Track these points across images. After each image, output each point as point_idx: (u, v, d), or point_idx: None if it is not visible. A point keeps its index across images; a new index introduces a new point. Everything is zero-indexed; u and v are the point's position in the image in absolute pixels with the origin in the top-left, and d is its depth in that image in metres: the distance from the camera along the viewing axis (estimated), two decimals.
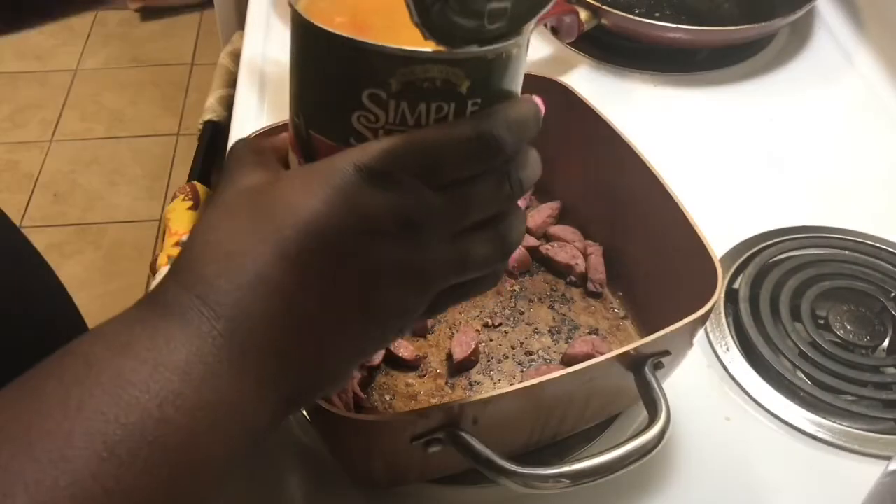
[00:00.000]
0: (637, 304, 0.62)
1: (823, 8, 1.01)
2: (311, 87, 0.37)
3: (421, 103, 0.34)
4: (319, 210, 0.31)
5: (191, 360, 0.29)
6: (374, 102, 0.34)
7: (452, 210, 0.33)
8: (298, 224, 0.31)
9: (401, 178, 0.32)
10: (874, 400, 0.60)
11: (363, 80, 0.34)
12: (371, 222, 0.32)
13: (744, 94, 0.90)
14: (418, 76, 0.33)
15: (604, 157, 0.63)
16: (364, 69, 0.34)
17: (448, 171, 0.33)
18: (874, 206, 0.77)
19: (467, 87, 0.34)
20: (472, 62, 0.34)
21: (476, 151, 0.33)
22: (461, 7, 0.33)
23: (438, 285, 0.35)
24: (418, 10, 0.32)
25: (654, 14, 0.97)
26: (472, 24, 0.33)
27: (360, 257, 0.32)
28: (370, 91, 0.34)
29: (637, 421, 0.58)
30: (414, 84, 0.33)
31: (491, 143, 0.34)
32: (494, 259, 0.36)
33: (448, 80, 0.34)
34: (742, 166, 0.81)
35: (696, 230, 0.54)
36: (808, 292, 0.66)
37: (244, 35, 0.96)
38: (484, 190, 0.34)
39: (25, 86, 2.34)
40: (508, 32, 0.34)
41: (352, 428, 0.47)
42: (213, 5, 1.51)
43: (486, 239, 0.35)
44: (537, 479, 0.44)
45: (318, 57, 0.35)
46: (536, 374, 0.55)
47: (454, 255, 0.34)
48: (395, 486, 0.54)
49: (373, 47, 0.33)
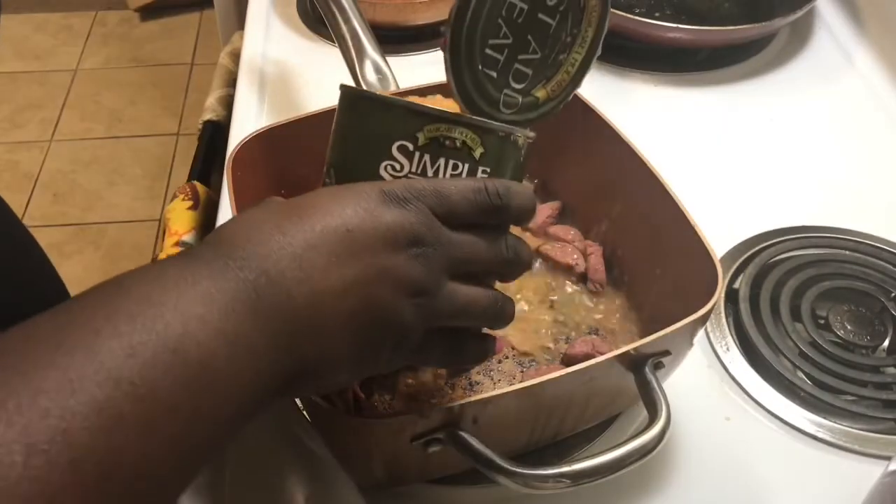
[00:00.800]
0: (637, 305, 0.62)
1: (823, 8, 1.01)
2: (347, 142, 0.43)
3: (441, 158, 0.41)
4: (345, 213, 0.36)
5: (214, 294, 0.32)
6: (401, 153, 0.41)
7: (454, 243, 0.38)
8: (326, 220, 0.36)
9: (417, 204, 0.37)
10: (874, 400, 0.60)
11: (396, 132, 0.41)
12: (386, 232, 0.36)
13: (744, 94, 0.90)
14: (442, 133, 0.41)
15: (604, 157, 0.63)
16: (400, 123, 0.41)
17: (456, 211, 0.38)
18: (874, 206, 0.77)
19: (480, 154, 0.41)
20: (487, 132, 0.42)
21: (481, 198, 0.39)
22: (483, 86, 0.42)
23: (432, 310, 0.38)
24: (455, 76, 0.41)
25: (654, 14, 0.97)
26: (492, 98, 0.43)
27: (373, 256, 0.36)
28: (400, 143, 0.41)
29: (637, 421, 0.58)
30: (438, 140, 0.41)
31: (492, 196, 0.39)
32: (486, 312, 0.40)
33: (466, 142, 0.41)
34: (742, 166, 0.81)
35: (696, 230, 0.54)
36: (809, 292, 0.66)
37: (244, 35, 0.96)
38: (484, 240, 0.39)
39: (25, 86, 2.34)
40: (519, 122, 0.44)
41: (352, 428, 0.47)
42: (213, 5, 1.51)
43: (482, 293, 0.40)
44: (537, 479, 0.44)
45: (362, 114, 0.42)
46: (536, 374, 0.55)
47: (451, 288, 0.39)
48: (395, 486, 0.54)
49: (413, 105, 0.41)
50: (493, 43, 0.42)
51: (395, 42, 0.91)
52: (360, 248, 0.36)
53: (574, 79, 0.47)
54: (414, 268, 0.37)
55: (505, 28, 0.42)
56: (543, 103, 0.46)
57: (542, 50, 0.45)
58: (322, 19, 0.64)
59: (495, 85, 0.43)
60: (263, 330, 0.33)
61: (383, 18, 0.92)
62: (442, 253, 0.38)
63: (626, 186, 0.61)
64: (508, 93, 0.44)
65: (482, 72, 0.42)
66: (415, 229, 0.37)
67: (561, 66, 0.46)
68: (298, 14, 1.00)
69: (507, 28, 0.42)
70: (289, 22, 0.99)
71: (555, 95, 0.46)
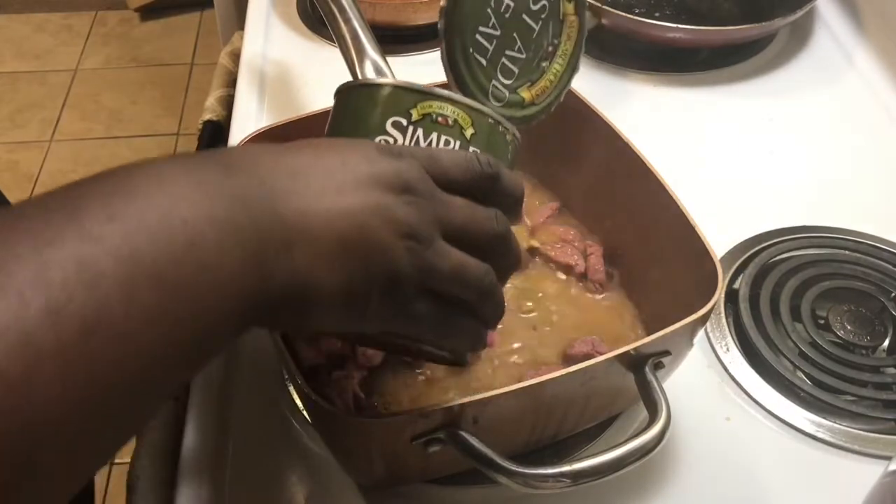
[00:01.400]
0: (637, 305, 0.62)
1: (823, 8, 1.01)
2: (343, 124, 0.44)
3: (433, 133, 0.42)
4: (343, 152, 0.37)
5: (207, 185, 0.32)
6: (395, 128, 0.42)
7: (446, 203, 0.38)
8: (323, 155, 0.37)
9: (410, 160, 0.38)
10: (874, 400, 0.60)
11: (390, 110, 0.42)
12: (381, 174, 0.37)
13: (744, 94, 0.90)
14: (435, 110, 0.42)
15: (603, 157, 0.63)
16: (394, 100, 0.42)
17: (448, 174, 0.39)
18: (874, 206, 0.77)
19: (471, 135, 0.43)
20: (477, 114, 0.43)
21: (472, 165, 0.40)
22: (473, 71, 0.46)
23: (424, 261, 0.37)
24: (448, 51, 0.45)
25: (654, 14, 0.97)
26: (482, 85, 0.46)
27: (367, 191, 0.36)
28: (394, 119, 0.42)
29: (637, 421, 0.58)
30: (431, 116, 0.42)
31: (483, 164, 0.40)
32: (481, 282, 0.39)
33: (458, 121, 0.43)
34: (742, 166, 0.81)
35: (696, 230, 0.54)
36: (808, 292, 0.66)
37: (244, 35, 0.96)
38: (475, 208, 0.39)
39: (25, 86, 2.34)
40: (505, 117, 0.45)
41: (352, 428, 0.47)
42: (213, 5, 1.51)
43: (474, 260, 0.39)
44: (537, 479, 0.44)
45: (357, 98, 0.44)
46: (536, 374, 0.55)
47: (444, 246, 0.38)
48: (396, 486, 0.54)
49: (407, 83, 0.43)
50: (482, 30, 0.46)
51: (395, 42, 0.91)
52: (355, 182, 0.36)
53: (556, 88, 0.51)
54: (408, 212, 0.36)
55: (494, 19, 0.46)
56: (528, 105, 0.49)
57: (526, 51, 0.48)
58: (322, 19, 0.64)
59: (485, 73, 0.46)
60: (254, 227, 0.32)
61: (383, 18, 0.92)
62: (434, 208, 0.38)
63: (626, 186, 0.61)
64: (497, 85, 0.47)
65: (473, 56, 0.46)
66: (408, 177, 0.37)
67: (544, 74, 0.50)
68: (298, 14, 1.00)
69: (496, 19, 0.46)
70: (289, 22, 0.99)
71: (538, 101, 0.50)
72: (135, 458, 0.57)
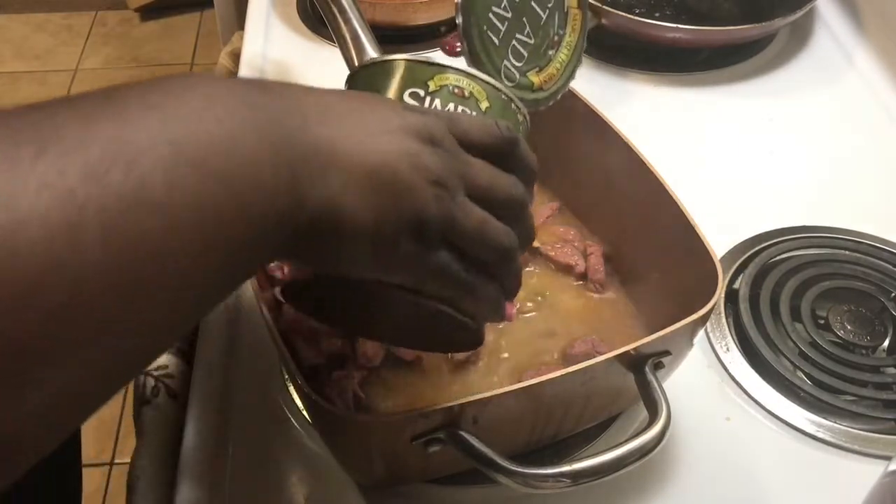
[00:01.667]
0: (637, 304, 0.62)
1: (823, 8, 1.01)
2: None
3: (450, 103, 0.43)
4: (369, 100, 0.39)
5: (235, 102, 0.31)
6: (413, 98, 0.43)
7: (469, 162, 0.39)
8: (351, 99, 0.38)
9: (434, 118, 0.39)
10: (874, 400, 0.60)
11: (408, 82, 0.43)
12: (407, 124, 0.37)
13: (744, 94, 0.90)
14: (451, 82, 0.43)
15: (604, 157, 0.63)
16: (411, 73, 0.43)
17: (469, 134, 0.39)
18: (874, 206, 0.77)
19: (486, 108, 0.44)
20: (492, 89, 0.44)
21: (492, 129, 0.40)
22: (487, 48, 0.48)
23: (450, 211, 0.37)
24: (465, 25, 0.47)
25: (654, 14, 0.97)
26: (495, 64, 0.48)
27: (394, 136, 0.36)
28: (412, 90, 0.43)
29: (637, 421, 0.58)
30: (447, 87, 0.43)
31: (502, 128, 0.40)
32: (503, 243, 0.40)
33: (473, 93, 0.43)
34: (742, 166, 0.81)
35: (696, 230, 0.54)
36: (808, 292, 0.66)
37: (244, 35, 0.96)
38: (497, 170, 0.40)
39: (25, 86, 2.33)
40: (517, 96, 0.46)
41: (352, 428, 0.47)
42: (213, 5, 1.52)
43: (497, 222, 0.39)
44: (537, 479, 0.44)
45: (374, 75, 0.44)
46: (536, 374, 0.55)
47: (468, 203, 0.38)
48: (396, 486, 0.54)
49: (424, 57, 0.44)
50: (495, 10, 0.48)
51: (395, 42, 0.91)
52: (385, 128, 0.36)
53: (563, 77, 0.53)
54: (435, 161, 0.36)
55: (505, 1, 0.49)
56: (537, 90, 0.51)
57: (535, 37, 0.51)
58: (322, 19, 0.64)
59: (497, 53, 0.49)
60: (288, 144, 0.32)
61: (383, 18, 0.92)
62: (458, 164, 0.38)
63: (626, 186, 0.61)
64: (508, 65, 0.49)
65: (487, 34, 0.48)
66: (433, 131, 0.37)
67: (551, 62, 0.52)
68: (298, 14, 1.00)
69: (507, 2, 0.49)
70: (289, 22, 0.99)
71: (546, 87, 0.52)
72: (135, 458, 0.57)
